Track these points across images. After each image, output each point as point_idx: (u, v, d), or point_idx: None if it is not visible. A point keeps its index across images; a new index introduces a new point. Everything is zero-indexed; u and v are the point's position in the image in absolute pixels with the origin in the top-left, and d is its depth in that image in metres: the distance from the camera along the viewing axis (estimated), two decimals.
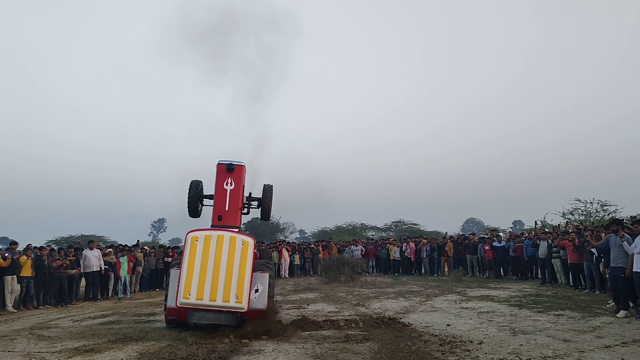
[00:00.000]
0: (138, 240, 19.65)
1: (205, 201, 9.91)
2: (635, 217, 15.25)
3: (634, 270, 8.93)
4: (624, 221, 12.80)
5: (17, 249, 13.48)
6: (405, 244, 22.96)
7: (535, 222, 20.92)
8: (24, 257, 13.19)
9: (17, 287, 13.02)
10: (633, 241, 9.11)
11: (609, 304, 9.65)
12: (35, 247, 14.58)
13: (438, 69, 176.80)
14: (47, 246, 14.91)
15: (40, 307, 13.37)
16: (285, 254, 22.92)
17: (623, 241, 9.27)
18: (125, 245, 18.21)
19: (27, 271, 13.13)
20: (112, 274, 15.94)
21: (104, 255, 16.00)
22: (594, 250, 12.34)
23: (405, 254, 22.41)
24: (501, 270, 18.95)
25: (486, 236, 20.28)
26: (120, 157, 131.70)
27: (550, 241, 15.47)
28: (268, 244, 24.68)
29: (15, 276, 12.90)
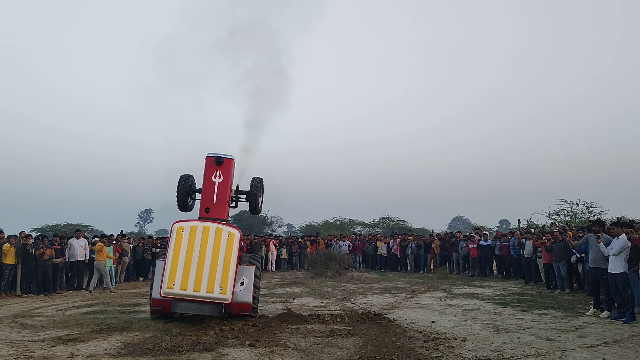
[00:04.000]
0: (122, 230, 19.51)
1: (197, 195, 9.86)
2: (620, 218, 15.43)
3: (608, 271, 9.06)
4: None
5: None
6: (392, 240, 23.08)
7: (519, 220, 21.00)
8: (7, 244, 13.06)
9: None
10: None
11: (588, 310, 9.74)
12: (28, 235, 14.39)
13: (428, 67, 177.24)
14: (45, 238, 14.69)
15: (24, 296, 13.25)
16: (273, 247, 22.93)
17: (599, 242, 9.38)
18: (111, 235, 18.09)
19: (10, 259, 13.01)
20: None
21: (91, 245, 15.88)
22: (574, 250, 12.49)
23: (392, 250, 22.53)
24: (487, 269, 19.11)
25: (472, 234, 20.39)
26: (109, 146, 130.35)
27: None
28: (254, 236, 24.65)
29: None
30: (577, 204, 24.34)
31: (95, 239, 17.10)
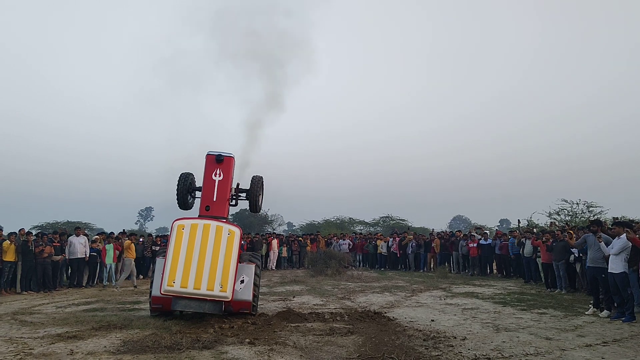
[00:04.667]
0: (124, 230, 19.58)
1: (197, 193, 9.88)
2: (616, 219, 15.41)
3: (608, 271, 9.07)
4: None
5: None
6: (391, 239, 23.07)
7: (519, 220, 21.09)
8: (7, 242, 13.06)
9: None
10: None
11: (588, 310, 9.75)
12: (29, 232, 14.44)
13: (434, 71, 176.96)
14: (45, 235, 14.75)
15: (24, 293, 13.26)
16: (275, 246, 22.94)
17: (600, 241, 9.39)
18: (112, 232, 18.13)
19: (10, 256, 13.02)
20: (98, 261, 15.85)
21: (91, 242, 15.91)
22: (574, 250, 12.50)
23: (392, 249, 22.54)
24: (487, 268, 19.13)
25: (473, 233, 20.39)
26: (110, 146, 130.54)
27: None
28: (255, 234, 24.68)
29: None
30: (577, 203, 24.31)
31: (96, 237, 17.15)
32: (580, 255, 12.20)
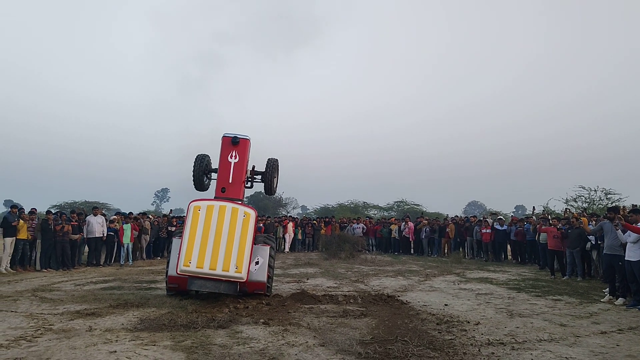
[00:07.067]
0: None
1: (213, 175, 9.93)
2: (635, 206, 15.18)
3: (625, 258, 8.95)
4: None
5: (16, 212, 13.51)
6: (403, 223, 23.01)
7: (534, 207, 20.93)
8: (21, 220, 13.28)
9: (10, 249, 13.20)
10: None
11: (603, 297, 9.67)
12: (48, 211, 14.75)
13: (449, 56, 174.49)
14: (63, 214, 15.03)
15: (43, 270, 13.54)
16: (291, 229, 23.07)
17: (617, 229, 9.27)
18: (131, 213, 18.35)
19: (23, 234, 13.25)
20: (116, 241, 16.09)
21: (109, 222, 16.14)
22: (591, 237, 12.37)
23: (404, 233, 22.50)
24: (501, 254, 19.03)
25: (487, 219, 20.26)
26: (126, 134, 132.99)
27: None
28: (268, 217, 24.81)
29: (14, 238, 13.07)
30: (595, 190, 23.92)
31: (114, 217, 17.39)
32: (599, 242, 12.06)
